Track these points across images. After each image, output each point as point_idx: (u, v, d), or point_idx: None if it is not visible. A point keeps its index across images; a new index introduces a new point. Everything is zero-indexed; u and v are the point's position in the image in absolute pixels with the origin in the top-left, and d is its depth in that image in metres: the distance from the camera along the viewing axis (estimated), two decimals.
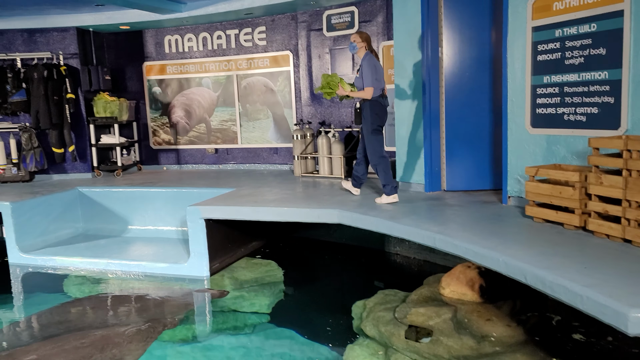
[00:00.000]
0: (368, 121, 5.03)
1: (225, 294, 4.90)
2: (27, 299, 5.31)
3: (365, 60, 4.97)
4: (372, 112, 5.00)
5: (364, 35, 5.09)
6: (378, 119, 5.02)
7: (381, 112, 5.04)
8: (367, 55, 5.01)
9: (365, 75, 4.91)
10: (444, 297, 4.29)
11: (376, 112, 5.00)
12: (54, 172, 8.15)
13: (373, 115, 5.00)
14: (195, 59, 8.42)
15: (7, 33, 7.88)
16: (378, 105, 5.00)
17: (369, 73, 4.91)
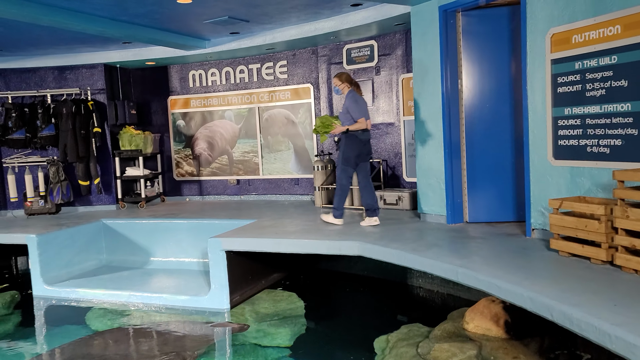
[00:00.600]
0: (342, 151, 5.51)
1: (245, 328, 4.87)
2: (49, 331, 5.36)
3: (348, 97, 5.48)
4: (348, 144, 5.45)
5: (342, 76, 5.59)
6: (351, 150, 5.45)
7: (358, 144, 5.45)
8: (350, 92, 5.54)
9: (352, 110, 5.40)
10: (468, 332, 4.19)
11: (352, 144, 5.44)
12: (79, 204, 8.32)
13: (348, 147, 5.45)
14: (219, 92, 8.60)
15: (39, 71, 8.19)
16: (354, 138, 5.44)
17: (355, 107, 5.40)
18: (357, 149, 5.46)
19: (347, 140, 5.45)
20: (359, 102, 5.47)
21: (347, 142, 5.46)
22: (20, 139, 7.93)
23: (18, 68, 8.12)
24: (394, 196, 6.69)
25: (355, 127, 5.40)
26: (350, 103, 5.45)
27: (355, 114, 5.40)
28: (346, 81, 5.58)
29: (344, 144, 5.49)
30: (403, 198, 6.61)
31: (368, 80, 7.35)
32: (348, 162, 5.49)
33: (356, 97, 5.49)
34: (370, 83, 7.35)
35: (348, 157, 5.46)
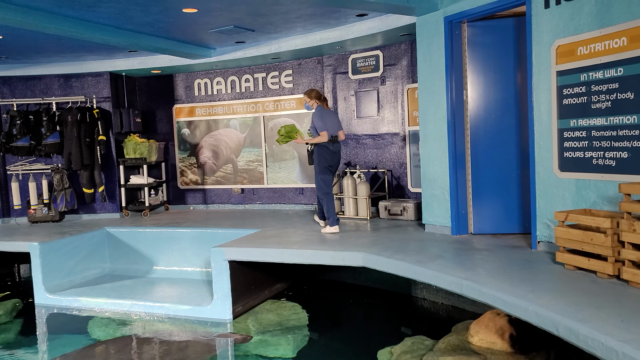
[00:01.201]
0: (316, 162, 5.95)
1: (249, 339, 4.83)
2: (51, 340, 5.33)
3: (315, 113, 5.95)
4: (320, 154, 5.91)
5: (312, 93, 6.07)
6: (324, 160, 5.90)
7: (328, 154, 5.91)
8: (318, 107, 6.02)
9: (316, 124, 5.86)
10: (473, 345, 4.14)
11: (323, 155, 5.90)
12: (83, 212, 8.32)
13: (320, 157, 5.91)
14: (224, 101, 8.61)
15: (45, 78, 8.23)
16: (325, 149, 5.89)
17: (319, 121, 5.86)
18: (328, 158, 5.93)
19: (319, 150, 5.91)
20: (323, 117, 5.90)
21: (319, 153, 5.92)
22: (25, 146, 7.96)
23: (23, 75, 8.17)
24: (398, 207, 6.66)
25: (316, 140, 5.87)
26: (315, 118, 5.92)
27: (319, 127, 5.85)
28: (315, 97, 6.05)
29: (316, 155, 5.94)
30: (408, 209, 6.57)
31: (373, 90, 7.35)
32: (322, 170, 5.95)
33: (322, 113, 5.95)
34: (375, 93, 7.34)
35: (322, 166, 5.93)
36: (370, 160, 7.51)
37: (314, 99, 6.05)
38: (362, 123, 7.54)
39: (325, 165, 5.92)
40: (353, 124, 7.61)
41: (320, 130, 5.85)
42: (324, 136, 5.83)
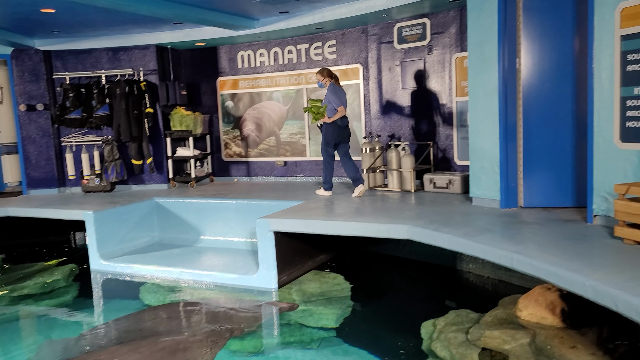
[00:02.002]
0: (324, 136, 6.51)
1: (295, 307, 4.90)
2: (106, 304, 5.57)
3: (329, 90, 6.38)
4: (328, 130, 6.43)
5: (324, 72, 6.49)
6: (332, 137, 6.45)
7: (336, 131, 6.43)
8: (331, 85, 6.43)
9: (333, 100, 6.31)
10: (521, 320, 4.06)
11: (331, 131, 6.42)
12: (132, 183, 8.56)
13: (328, 133, 6.44)
14: (267, 73, 8.60)
15: (94, 52, 8.41)
16: (334, 125, 6.39)
17: (335, 98, 6.31)
18: (336, 133, 6.43)
19: (328, 127, 6.41)
20: (337, 94, 6.36)
21: (327, 128, 6.43)
22: (77, 118, 8.21)
23: (74, 49, 8.37)
24: (444, 180, 6.53)
25: (336, 117, 6.32)
26: (330, 95, 6.34)
27: (336, 103, 6.30)
28: (327, 76, 6.46)
29: (325, 129, 6.47)
30: (454, 182, 6.44)
31: (419, 60, 7.16)
32: (328, 144, 6.50)
33: (335, 89, 6.39)
34: (421, 63, 7.16)
35: (328, 140, 6.47)
36: (415, 133, 7.36)
37: (326, 77, 6.45)
38: (407, 94, 7.37)
39: (333, 141, 6.46)
40: (398, 95, 7.46)
41: (337, 107, 6.30)
42: (342, 111, 6.32)
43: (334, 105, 6.32)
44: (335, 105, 6.31)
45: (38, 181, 8.48)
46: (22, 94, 8.32)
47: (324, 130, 6.49)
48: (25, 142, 8.43)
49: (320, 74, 6.49)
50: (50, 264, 6.70)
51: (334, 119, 6.34)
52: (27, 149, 8.43)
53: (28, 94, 8.32)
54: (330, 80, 6.46)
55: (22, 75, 8.30)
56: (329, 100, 6.35)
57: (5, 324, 4.97)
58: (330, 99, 6.33)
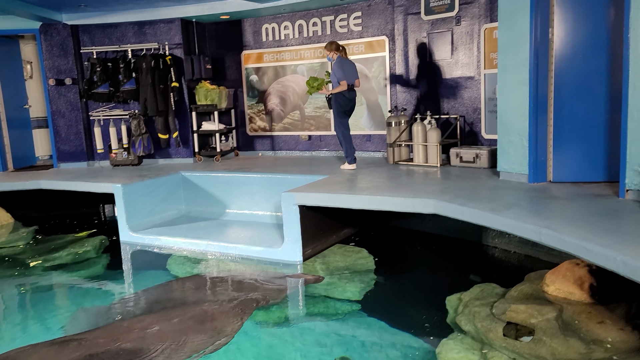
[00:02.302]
0: (335, 108, 6.58)
1: (321, 279, 4.95)
2: (135, 274, 5.72)
3: (336, 63, 6.51)
4: (337, 101, 6.54)
5: (332, 45, 6.57)
6: (340, 106, 6.54)
7: (344, 101, 6.54)
8: (338, 58, 6.53)
9: (338, 74, 6.43)
10: (548, 295, 4.02)
11: (339, 101, 6.52)
12: (159, 157, 8.67)
13: (337, 104, 6.54)
14: (291, 46, 8.52)
15: (120, 26, 8.45)
16: (341, 96, 6.51)
17: (340, 71, 6.43)
18: (343, 104, 6.56)
19: (336, 98, 6.53)
20: (343, 67, 6.47)
21: (336, 100, 6.54)
22: (104, 92, 8.31)
23: (101, 24, 8.42)
24: (471, 154, 6.44)
25: (338, 90, 6.45)
26: (336, 68, 6.48)
27: (340, 76, 6.42)
28: (334, 49, 6.55)
29: (334, 102, 6.55)
30: (481, 156, 6.35)
31: (447, 32, 7.00)
32: (340, 116, 6.62)
33: (342, 63, 6.51)
34: (449, 34, 7.00)
35: (340, 111, 6.58)
36: (441, 106, 7.25)
37: (333, 50, 6.55)
38: (434, 66, 7.24)
39: (342, 110, 6.58)
40: (424, 68, 7.34)
41: (340, 80, 6.42)
42: (344, 85, 6.43)
43: (338, 77, 6.43)
44: (339, 79, 6.42)
45: (68, 155, 8.66)
46: (51, 69, 8.44)
47: (333, 104, 6.60)
48: (54, 117, 8.59)
49: (328, 49, 6.57)
50: (81, 236, 6.88)
51: (336, 91, 6.45)
52: (57, 123, 8.59)
53: (57, 68, 8.44)
54: (338, 53, 6.54)
55: (51, 50, 8.40)
56: (334, 73, 6.46)
57: (40, 292, 5.16)
58: (336, 72, 6.44)
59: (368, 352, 3.64)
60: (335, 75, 6.46)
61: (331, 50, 6.55)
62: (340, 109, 6.56)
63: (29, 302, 5.02)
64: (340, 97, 6.52)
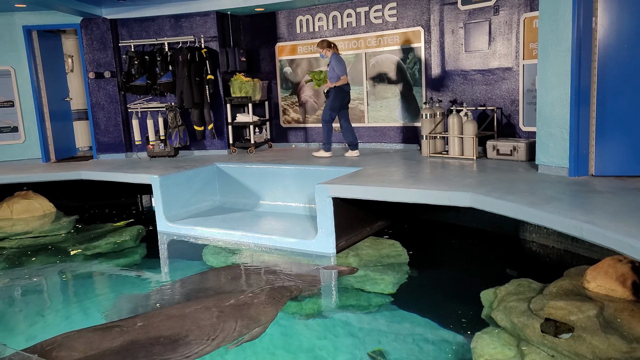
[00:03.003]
0: (331, 100, 7.00)
1: (355, 271, 4.95)
2: (171, 264, 5.84)
3: (334, 58, 6.92)
4: (337, 95, 6.96)
5: (324, 43, 7.02)
6: (339, 100, 7.00)
7: (343, 94, 7.03)
8: (334, 55, 6.97)
9: (338, 69, 6.87)
10: (589, 291, 3.91)
11: (340, 95, 6.98)
12: (195, 149, 8.81)
13: (336, 97, 6.97)
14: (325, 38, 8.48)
15: (157, 19, 8.59)
16: (342, 91, 7.00)
17: (340, 66, 6.88)
18: (342, 98, 7.03)
19: (337, 92, 6.95)
20: (340, 62, 6.91)
21: (336, 94, 6.96)
22: (142, 85, 8.48)
23: (139, 17, 8.58)
24: (508, 146, 6.31)
25: (340, 83, 6.89)
26: (335, 63, 6.88)
27: (340, 71, 6.86)
28: (327, 47, 6.97)
29: (333, 95, 6.97)
30: (519, 148, 6.21)
31: (485, 22, 6.85)
32: (334, 109, 7.05)
33: (339, 58, 6.93)
34: (487, 24, 6.84)
35: (335, 105, 7.01)
36: (478, 98, 7.11)
37: (326, 48, 6.97)
38: (471, 57, 7.10)
39: (339, 104, 7.01)
40: (461, 59, 7.20)
41: (341, 74, 6.87)
42: (344, 79, 6.90)
43: (339, 73, 6.86)
44: (340, 73, 6.86)
45: (107, 146, 8.89)
46: (91, 62, 8.66)
47: (331, 96, 6.99)
48: (94, 109, 8.81)
49: (320, 47, 7.01)
50: (119, 225, 7.06)
51: (339, 84, 6.89)
52: (96, 115, 8.82)
53: (96, 62, 8.65)
54: (332, 50, 6.98)
55: (91, 44, 8.62)
56: (333, 68, 6.88)
57: (81, 280, 5.33)
58: (336, 68, 6.86)
59: (401, 346, 3.63)
60: (335, 71, 6.87)
61: (324, 48, 6.98)
62: (338, 102, 6.98)
63: (71, 290, 5.20)
64: (340, 91, 6.95)
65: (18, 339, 3.95)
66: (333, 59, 6.93)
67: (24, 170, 8.02)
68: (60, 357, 3.53)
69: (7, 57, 8.58)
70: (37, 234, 6.84)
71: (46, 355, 3.53)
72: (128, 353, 3.59)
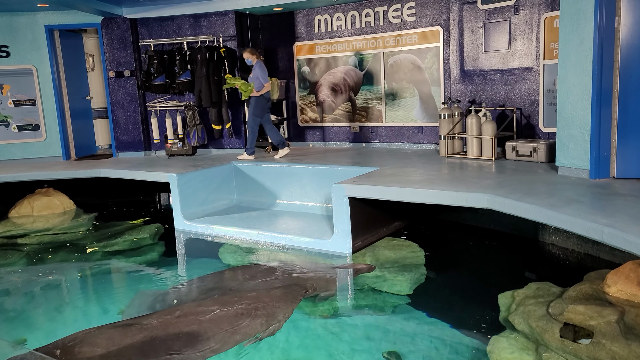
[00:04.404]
0: (254, 107, 7.33)
1: (372, 268, 4.95)
2: (188, 262, 5.88)
3: (259, 66, 7.25)
4: (258, 102, 7.31)
5: (252, 50, 7.34)
6: (261, 107, 7.35)
7: (265, 102, 7.36)
8: (258, 62, 7.30)
9: (262, 76, 7.21)
10: (609, 296, 3.83)
11: (261, 102, 7.32)
12: (212, 147, 8.86)
13: (258, 105, 7.31)
14: (343, 37, 8.48)
15: (177, 19, 8.66)
16: (263, 98, 7.33)
17: (264, 74, 7.23)
18: (265, 105, 7.36)
19: (258, 99, 7.28)
20: (264, 70, 7.26)
21: (257, 101, 7.30)
22: (161, 84, 8.56)
23: (158, 17, 8.66)
24: (527, 147, 6.23)
25: (264, 90, 7.23)
26: (260, 71, 7.20)
27: (264, 79, 7.20)
28: (253, 54, 7.28)
29: (254, 103, 7.31)
30: (538, 149, 6.12)
31: (505, 21, 6.77)
32: (256, 115, 7.36)
33: (262, 66, 7.28)
34: (507, 24, 6.76)
35: (257, 112, 7.32)
36: (497, 98, 7.04)
37: (253, 55, 7.27)
38: (490, 57, 7.02)
39: (262, 111, 7.34)
40: (480, 59, 7.13)
41: (265, 82, 7.20)
42: (268, 86, 7.25)
43: (262, 81, 7.19)
44: (264, 81, 7.19)
45: (126, 144, 8.99)
46: (111, 61, 8.76)
47: (253, 103, 7.32)
48: (114, 107, 8.92)
49: (250, 53, 7.29)
50: (137, 223, 7.14)
51: (263, 92, 7.20)
52: (116, 114, 8.93)
53: (116, 61, 8.76)
54: (258, 58, 7.32)
55: (111, 43, 8.72)
56: (257, 76, 7.17)
57: (99, 276, 5.40)
58: (260, 75, 7.17)
59: (417, 347, 3.60)
60: (260, 79, 7.18)
61: (252, 55, 7.27)
62: (259, 109, 7.31)
63: (89, 286, 5.27)
64: (262, 99, 7.30)
65: (37, 334, 4.02)
66: (258, 66, 7.22)
67: (44, 167, 8.15)
68: (82, 352, 3.58)
69: (30, 56, 8.73)
70: (57, 230, 6.95)
71: (69, 351, 3.59)
72: (149, 349, 3.63)
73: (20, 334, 4.04)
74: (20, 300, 4.82)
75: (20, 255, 6.05)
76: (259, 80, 7.21)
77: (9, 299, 4.87)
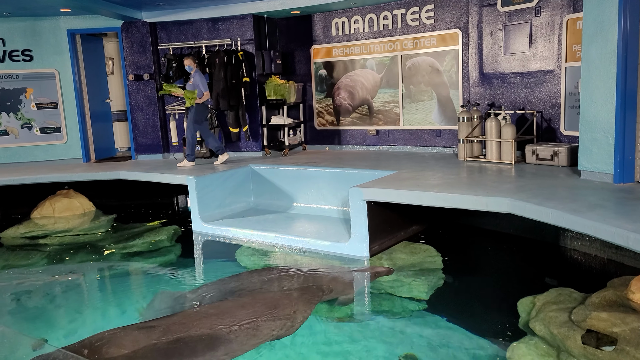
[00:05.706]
0: (194, 114, 7.45)
1: (392, 271, 4.92)
2: (206, 264, 5.90)
3: (198, 74, 7.45)
4: (199, 110, 7.48)
5: (192, 58, 7.64)
6: (201, 115, 7.54)
7: (205, 110, 7.61)
8: (197, 71, 7.52)
9: (203, 84, 7.41)
10: (633, 303, 3.75)
11: (202, 110, 7.52)
12: (230, 150, 8.89)
13: (199, 112, 7.49)
14: (361, 40, 8.47)
15: (195, 23, 8.74)
16: (204, 106, 7.55)
17: (205, 83, 7.45)
18: (205, 113, 7.62)
19: (199, 107, 7.45)
20: (203, 79, 7.47)
21: (198, 108, 7.44)
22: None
23: (177, 21, 8.74)
24: (548, 151, 6.13)
25: (205, 99, 7.42)
26: (200, 80, 7.39)
27: (204, 87, 7.40)
28: (194, 62, 7.56)
29: (197, 111, 7.44)
30: (559, 153, 6.03)
31: (525, 23, 6.69)
32: (197, 122, 7.51)
33: (202, 75, 7.50)
34: (527, 26, 6.68)
35: (198, 119, 7.49)
36: (517, 101, 6.95)
37: (194, 63, 7.55)
38: (510, 60, 6.95)
39: (201, 117, 7.53)
40: (500, 61, 7.05)
41: (205, 91, 7.40)
42: (208, 94, 7.47)
43: (202, 89, 7.37)
44: (204, 90, 7.38)
45: (145, 147, 9.08)
46: (131, 65, 8.86)
47: (194, 110, 7.42)
48: (133, 110, 9.02)
49: (192, 61, 7.54)
50: (155, 225, 7.19)
51: (203, 100, 7.39)
52: (135, 117, 9.02)
53: (136, 64, 8.85)
54: (196, 67, 7.54)
55: (131, 46, 8.82)
56: (198, 84, 7.36)
57: (118, 277, 5.44)
58: (200, 84, 7.37)
59: (434, 352, 3.56)
60: (200, 87, 7.37)
61: (194, 63, 7.53)
62: (200, 116, 7.48)
63: (108, 287, 5.31)
64: (203, 106, 7.49)
65: (58, 334, 4.06)
66: (197, 75, 7.40)
67: (65, 169, 8.26)
68: (110, 352, 3.61)
69: (52, 60, 8.87)
70: (77, 231, 7.04)
71: (96, 350, 3.62)
72: (174, 351, 3.65)
73: (41, 333, 4.08)
74: (41, 300, 4.87)
75: (42, 255, 6.14)
76: (199, 89, 7.39)
77: (31, 299, 4.94)
